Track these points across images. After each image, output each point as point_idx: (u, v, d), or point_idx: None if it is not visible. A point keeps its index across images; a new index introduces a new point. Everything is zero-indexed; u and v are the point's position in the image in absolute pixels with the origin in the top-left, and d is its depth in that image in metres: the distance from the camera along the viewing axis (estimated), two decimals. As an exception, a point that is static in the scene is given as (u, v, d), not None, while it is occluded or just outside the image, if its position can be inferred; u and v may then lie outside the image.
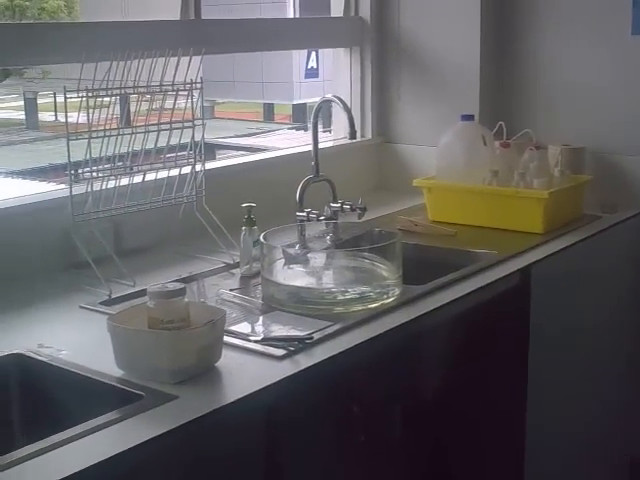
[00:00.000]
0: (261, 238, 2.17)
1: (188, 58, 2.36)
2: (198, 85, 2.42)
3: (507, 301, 2.35)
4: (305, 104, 11.06)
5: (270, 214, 2.51)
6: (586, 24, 3.11)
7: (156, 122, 2.36)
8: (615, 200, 3.02)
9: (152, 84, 2.33)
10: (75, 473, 1.34)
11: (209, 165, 2.65)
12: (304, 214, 2.55)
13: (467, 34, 3.22)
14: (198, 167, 2.48)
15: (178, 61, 2.34)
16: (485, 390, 2.31)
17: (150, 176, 2.41)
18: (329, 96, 2.70)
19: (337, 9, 3.43)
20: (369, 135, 3.45)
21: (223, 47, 2.97)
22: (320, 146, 2.72)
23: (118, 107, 2.46)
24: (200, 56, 2.41)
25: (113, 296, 2.11)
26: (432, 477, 2.23)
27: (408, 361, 2.06)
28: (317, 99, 2.73)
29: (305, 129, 10.20)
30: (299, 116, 11.85)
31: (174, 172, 2.47)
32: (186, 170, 2.48)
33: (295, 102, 11.17)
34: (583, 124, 3.16)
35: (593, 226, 2.82)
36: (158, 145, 2.37)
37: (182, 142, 2.44)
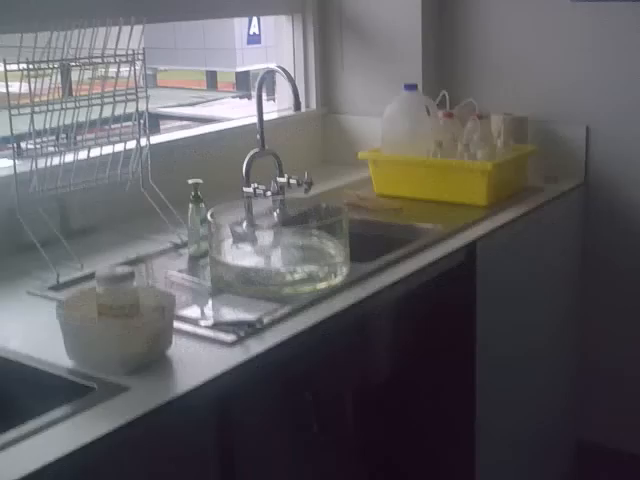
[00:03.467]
0: (208, 216, 2.14)
1: (130, 27, 2.31)
2: (140, 55, 2.37)
3: (454, 276, 2.36)
4: (248, 71, 10.93)
5: (217, 190, 2.49)
6: (527, -8, 3.11)
7: (99, 93, 2.31)
8: (557, 170, 3.04)
9: (94, 54, 2.28)
10: (29, 474, 1.31)
11: (154, 139, 2.61)
12: (251, 189, 2.53)
13: (409, 2, 3.19)
14: (143, 141, 2.44)
15: (120, 30, 2.29)
16: (433, 369, 2.33)
17: (95, 152, 2.36)
18: (273, 66, 2.67)
19: (277, -25, 3.37)
20: (313, 106, 3.42)
21: (163, 16, 2.91)
22: (264, 117, 2.68)
23: (59, 76, 2.40)
24: (142, 25, 2.36)
25: (61, 280, 2.07)
26: (385, 464, 2.25)
27: (356, 342, 2.07)
28: (260, 66, 2.69)
29: (249, 97, 10.10)
30: (243, 84, 11.70)
31: (119, 147, 2.42)
32: (131, 145, 2.44)
33: (238, 69, 11.02)
34: (525, 92, 3.16)
35: (537, 198, 2.84)
36: (101, 116, 2.32)
37: (125, 113, 2.39)
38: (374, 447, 2.18)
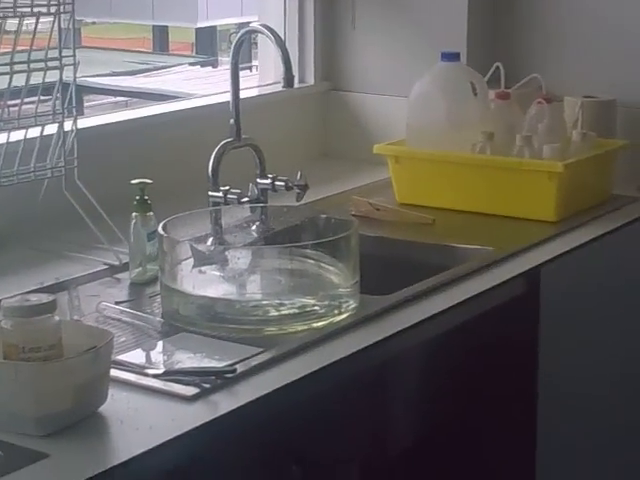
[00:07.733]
0: (159, 229, 2.21)
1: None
2: (68, 5, 2.44)
3: (508, 314, 2.43)
4: (214, 28, 10.89)
5: (173, 194, 2.56)
6: None
7: (7, 53, 2.36)
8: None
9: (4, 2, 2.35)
10: None
11: (83, 123, 2.68)
12: (220, 194, 2.59)
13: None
14: (68, 125, 2.51)
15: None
16: (477, 440, 2.38)
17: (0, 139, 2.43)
18: (255, 25, 2.73)
19: None
20: (311, 80, 3.50)
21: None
22: (242, 95, 2.74)
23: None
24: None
25: (-50, 312, 2.13)
26: None
27: (367, 402, 2.12)
28: (232, 20, 2.75)
29: (214, 64, 10.12)
30: (205, 45, 11.65)
31: (33, 133, 2.48)
32: (51, 130, 2.50)
33: (200, 25, 11.02)
34: (614, 67, 3.22)
35: (625, 212, 2.90)
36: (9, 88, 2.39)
37: (37, 84, 2.45)
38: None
